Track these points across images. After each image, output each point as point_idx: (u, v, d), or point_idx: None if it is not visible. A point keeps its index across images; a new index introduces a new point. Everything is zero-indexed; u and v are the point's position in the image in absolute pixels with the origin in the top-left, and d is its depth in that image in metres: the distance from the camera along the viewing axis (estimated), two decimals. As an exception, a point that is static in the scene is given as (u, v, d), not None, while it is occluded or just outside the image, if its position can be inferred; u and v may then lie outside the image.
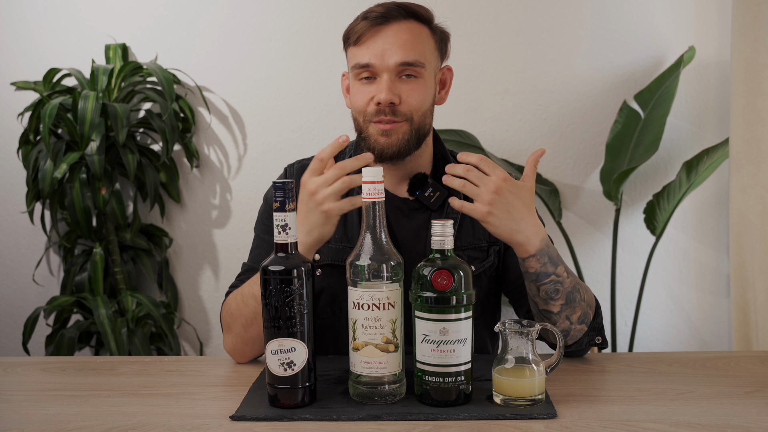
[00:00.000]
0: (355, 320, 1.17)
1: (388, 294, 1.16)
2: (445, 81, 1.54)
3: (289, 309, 1.15)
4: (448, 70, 1.55)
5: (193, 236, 2.62)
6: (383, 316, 1.16)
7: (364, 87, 1.45)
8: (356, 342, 1.17)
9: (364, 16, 1.44)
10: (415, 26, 1.44)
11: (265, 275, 1.16)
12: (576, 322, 1.40)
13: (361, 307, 1.15)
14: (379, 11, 1.43)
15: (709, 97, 2.47)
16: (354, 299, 1.16)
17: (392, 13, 1.42)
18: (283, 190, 1.15)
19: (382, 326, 1.16)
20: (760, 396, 1.24)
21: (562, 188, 2.53)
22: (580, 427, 1.11)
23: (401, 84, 1.43)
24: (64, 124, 2.39)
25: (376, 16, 1.42)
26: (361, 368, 1.17)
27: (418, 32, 1.44)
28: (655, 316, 2.57)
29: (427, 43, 1.45)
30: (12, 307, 2.67)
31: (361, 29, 1.43)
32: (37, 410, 1.21)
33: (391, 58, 1.41)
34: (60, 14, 2.54)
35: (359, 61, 1.43)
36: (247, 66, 2.54)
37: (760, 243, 2.26)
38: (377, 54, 1.41)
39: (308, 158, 1.62)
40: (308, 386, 1.18)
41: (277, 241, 1.17)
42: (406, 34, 1.42)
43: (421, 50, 1.43)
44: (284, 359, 1.16)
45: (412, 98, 1.43)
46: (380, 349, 1.16)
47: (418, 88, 1.44)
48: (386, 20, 1.42)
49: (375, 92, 1.43)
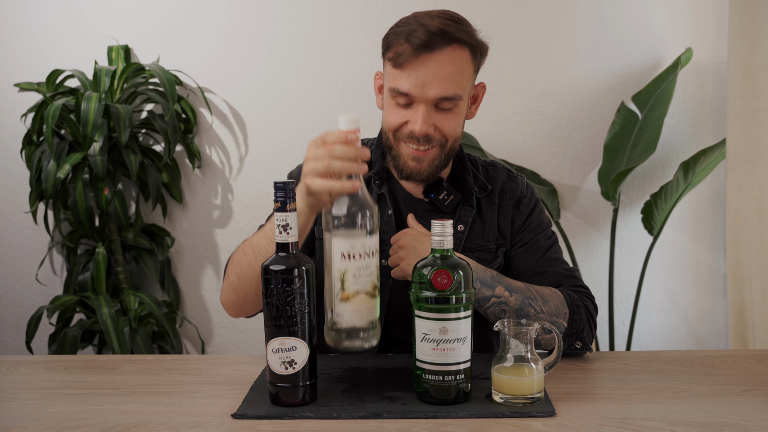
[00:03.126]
0: (344, 271, 1.15)
1: (374, 241, 1.16)
2: (477, 96, 1.54)
3: (290, 308, 1.16)
4: (482, 87, 1.54)
5: (194, 236, 2.64)
6: (372, 263, 1.16)
7: (400, 110, 1.44)
8: (345, 293, 1.15)
9: (407, 37, 1.38)
10: (457, 54, 1.40)
11: (267, 275, 1.17)
12: (542, 333, 1.42)
13: (352, 257, 1.14)
14: (422, 38, 1.37)
15: (706, 99, 2.48)
16: (344, 250, 1.14)
17: (436, 40, 1.37)
18: (284, 191, 1.15)
19: (371, 273, 1.16)
20: (756, 394, 1.24)
21: (561, 188, 2.54)
22: (579, 425, 1.11)
23: (437, 114, 1.42)
24: (67, 125, 2.41)
25: (420, 44, 1.37)
26: (352, 318, 1.16)
27: (460, 61, 1.40)
28: (652, 315, 2.58)
29: (467, 70, 1.42)
30: (15, 306, 2.68)
31: (404, 53, 1.38)
32: (40, 408, 1.22)
33: (431, 91, 1.39)
34: (63, 16, 2.55)
35: (398, 88, 1.41)
36: (249, 67, 2.55)
37: (757, 243, 2.27)
38: (417, 84, 1.38)
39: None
40: (309, 384, 1.19)
41: (278, 240, 1.17)
42: (448, 66, 1.39)
43: (461, 83, 1.41)
44: (285, 358, 1.17)
45: (446, 127, 1.43)
46: (369, 295, 1.16)
47: (454, 118, 1.44)
48: (430, 48, 1.37)
49: (410, 118, 1.42)
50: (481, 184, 1.59)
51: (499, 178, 1.62)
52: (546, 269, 1.54)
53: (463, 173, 1.58)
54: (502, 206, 1.59)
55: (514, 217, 1.59)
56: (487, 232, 1.57)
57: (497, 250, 1.58)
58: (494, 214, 1.58)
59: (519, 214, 1.59)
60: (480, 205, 1.58)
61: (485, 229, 1.57)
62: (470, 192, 1.56)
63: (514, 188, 1.61)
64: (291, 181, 1.16)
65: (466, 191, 1.56)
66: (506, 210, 1.59)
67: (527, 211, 1.60)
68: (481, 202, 1.58)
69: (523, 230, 1.58)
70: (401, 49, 1.39)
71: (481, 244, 1.57)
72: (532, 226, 1.59)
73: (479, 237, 1.57)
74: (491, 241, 1.57)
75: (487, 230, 1.57)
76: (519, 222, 1.59)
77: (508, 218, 1.59)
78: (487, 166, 1.65)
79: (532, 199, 1.63)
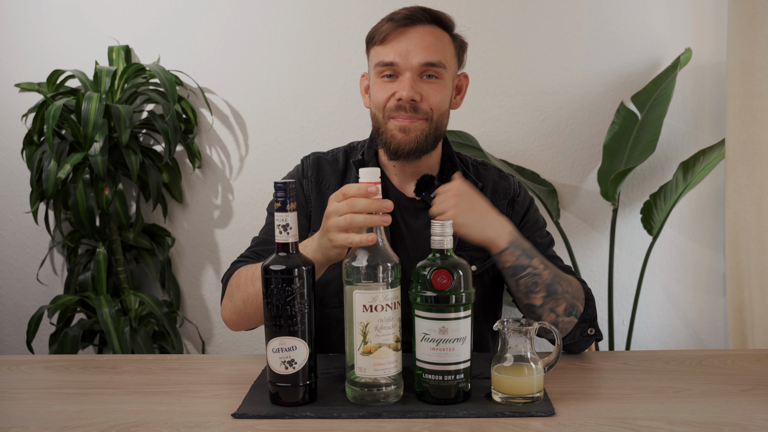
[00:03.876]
0: (367, 323, 1.15)
1: (395, 293, 1.17)
2: (461, 87, 1.60)
3: (290, 308, 1.16)
4: (464, 77, 1.60)
5: (195, 236, 2.64)
6: (394, 316, 1.17)
7: (386, 84, 1.49)
8: (368, 345, 1.16)
9: (389, 18, 1.49)
10: (437, 31, 1.50)
11: (267, 275, 1.17)
12: (563, 314, 1.42)
13: (375, 309, 1.15)
14: (404, 13, 1.48)
15: (706, 99, 2.48)
16: (366, 302, 1.15)
17: (417, 15, 1.47)
18: (284, 191, 1.16)
19: (393, 325, 1.17)
20: (756, 394, 1.25)
21: (560, 188, 2.54)
22: (578, 424, 1.12)
23: (422, 83, 1.47)
24: (68, 125, 2.41)
25: (402, 18, 1.47)
26: (375, 371, 1.17)
27: (440, 36, 1.50)
28: (652, 314, 2.58)
29: (448, 48, 1.51)
30: (16, 306, 2.69)
31: (386, 30, 1.48)
32: (40, 408, 1.23)
33: (415, 58, 1.46)
34: (64, 16, 2.55)
35: (383, 59, 1.48)
36: (249, 67, 2.56)
37: (756, 243, 2.27)
38: (402, 53, 1.46)
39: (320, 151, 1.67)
40: (309, 384, 1.19)
41: (278, 240, 1.18)
42: (429, 36, 1.48)
43: (443, 53, 1.49)
44: (285, 357, 1.17)
45: (432, 97, 1.48)
46: (392, 348, 1.17)
47: (439, 89, 1.48)
48: (411, 22, 1.47)
49: (397, 89, 1.47)
50: (472, 182, 1.59)
51: (490, 177, 1.63)
52: None
53: (453, 171, 1.58)
54: (495, 205, 1.55)
55: (509, 217, 1.59)
56: None
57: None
58: None
59: (514, 214, 1.60)
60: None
61: None
62: None
63: (507, 187, 1.62)
64: (291, 181, 1.17)
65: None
66: (500, 209, 1.57)
67: (522, 210, 1.60)
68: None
69: (520, 230, 1.56)
70: (384, 27, 1.48)
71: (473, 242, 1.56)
72: (529, 225, 1.59)
73: None
74: None
75: None
76: (515, 221, 1.59)
77: None
78: (477, 165, 1.65)
79: (526, 197, 1.63)
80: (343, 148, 1.68)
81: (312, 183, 1.61)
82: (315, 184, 1.61)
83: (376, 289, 1.15)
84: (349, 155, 1.65)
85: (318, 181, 1.61)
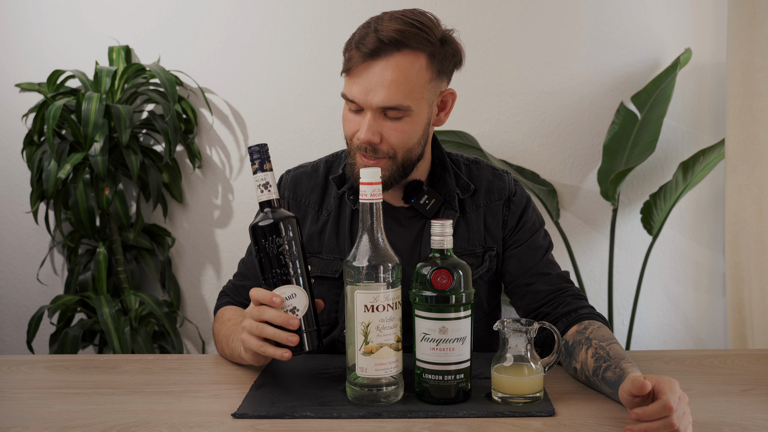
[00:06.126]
0: (368, 323, 1.16)
1: (396, 293, 1.18)
2: (446, 103, 1.48)
3: (282, 257, 1.20)
4: (450, 93, 1.47)
5: (195, 236, 2.64)
6: (396, 316, 1.17)
7: (353, 117, 1.42)
8: (369, 345, 1.16)
9: (358, 43, 1.37)
10: (407, 61, 1.36)
11: (255, 232, 1.21)
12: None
13: (376, 309, 1.16)
14: (371, 44, 1.35)
15: (705, 99, 2.49)
16: (367, 302, 1.16)
17: (383, 47, 1.34)
18: (260, 153, 1.23)
19: (395, 325, 1.17)
20: (755, 394, 1.25)
21: (560, 188, 2.55)
22: (578, 424, 1.12)
23: (384, 121, 1.39)
24: (68, 125, 2.41)
25: (367, 51, 1.35)
26: (376, 371, 1.17)
27: (407, 68, 1.36)
28: (651, 315, 2.58)
29: (418, 77, 1.37)
30: (16, 306, 2.69)
31: (354, 60, 1.37)
32: (41, 408, 1.23)
33: (374, 99, 1.36)
34: (64, 17, 2.55)
35: (347, 94, 1.40)
36: (249, 68, 2.56)
37: (756, 243, 2.27)
38: (363, 91, 1.36)
39: (304, 165, 1.63)
40: (313, 331, 1.22)
41: (261, 199, 1.23)
42: (393, 72, 1.35)
43: (406, 91, 1.36)
44: (287, 306, 1.20)
45: (393, 137, 1.39)
46: (393, 348, 1.17)
47: (402, 128, 1.39)
48: (377, 54, 1.35)
49: (359, 126, 1.40)
50: (464, 184, 1.53)
51: (484, 177, 1.55)
52: (549, 271, 1.50)
53: (444, 175, 1.52)
54: (489, 207, 1.53)
55: (505, 218, 1.53)
56: (472, 235, 1.51)
57: (484, 254, 1.52)
58: (480, 215, 1.52)
59: (511, 214, 1.53)
60: (464, 207, 1.52)
61: (470, 233, 1.51)
62: (452, 195, 1.51)
63: (502, 187, 1.55)
64: (264, 143, 1.24)
65: (447, 194, 1.51)
66: (495, 210, 1.53)
67: (519, 210, 1.54)
68: (465, 204, 1.52)
69: (518, 230, 1.53)
70: (351, 55, 1.39)
71: (466, 248, 1.51)
72: (528, 226, 1.53)
73: (464, 241, 1.51)
74: (477, 244, 1.52)
75: (472, 233, 1.51)
76: (512, 222, 1.53)
77: (498, 219, 1.53)
78: (470, 165, 1.58)
79: (523, 196, 1.56)
80: (325, 158, 1.61)
81: (289, 203, 1.57)
82: (293, 204, 1.56)
83: (377, 289, 1.16)
84: (331, 167, 1.59)
85: (296, 200, 1.56)
